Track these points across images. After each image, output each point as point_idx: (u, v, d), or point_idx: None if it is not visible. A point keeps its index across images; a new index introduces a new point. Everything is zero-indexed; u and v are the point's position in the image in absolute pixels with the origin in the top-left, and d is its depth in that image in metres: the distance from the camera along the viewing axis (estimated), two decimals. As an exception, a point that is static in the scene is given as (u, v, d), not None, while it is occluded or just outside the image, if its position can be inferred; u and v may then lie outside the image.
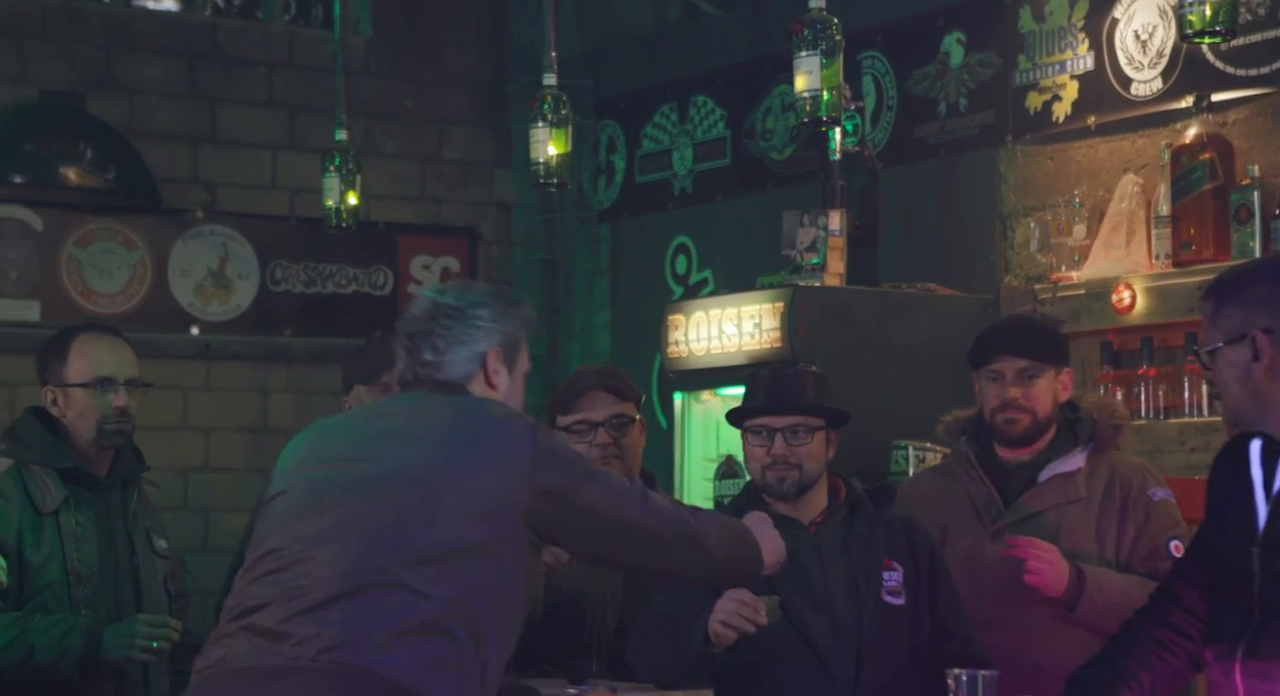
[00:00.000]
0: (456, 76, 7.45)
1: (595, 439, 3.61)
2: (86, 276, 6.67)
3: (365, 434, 2.73)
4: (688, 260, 6.78)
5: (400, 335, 2.88)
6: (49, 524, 3.48)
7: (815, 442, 3.37)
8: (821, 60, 4.07)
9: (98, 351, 3.61)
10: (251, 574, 2.62)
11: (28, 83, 6.59)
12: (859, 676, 3.30)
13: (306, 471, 2.70)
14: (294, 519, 2.63)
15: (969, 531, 3.71)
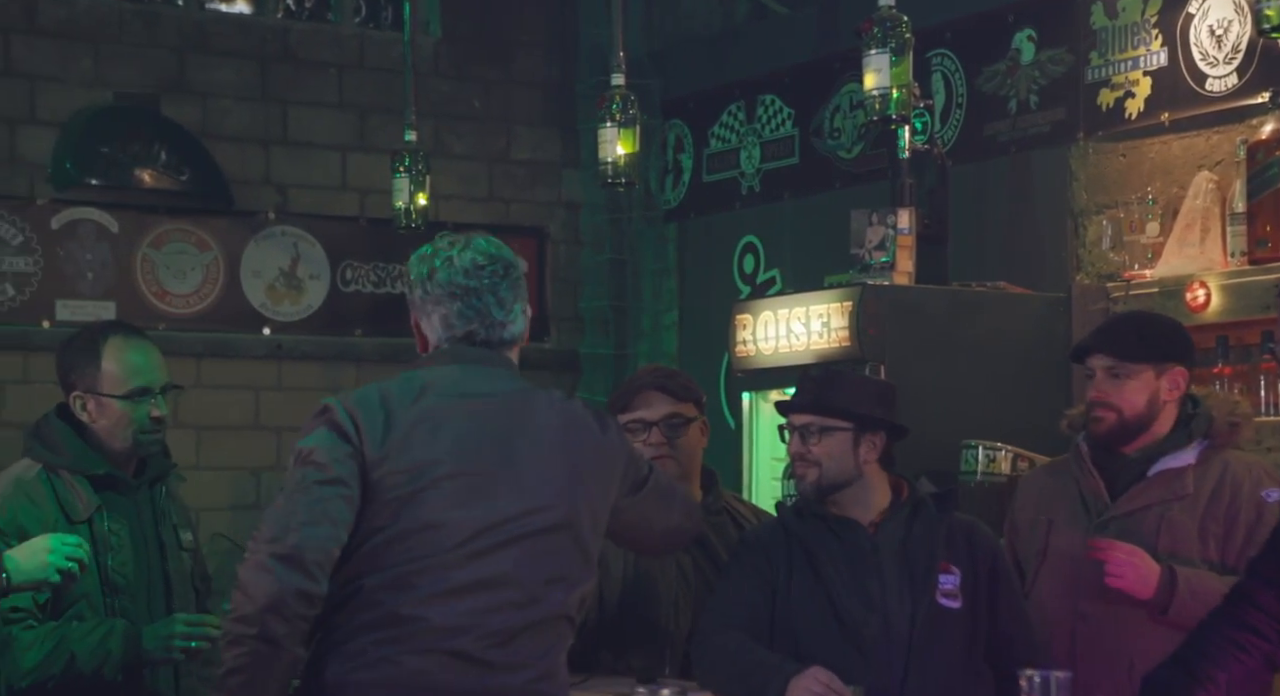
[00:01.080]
0: (525, 77, 7.48)
1: (649, 438, 3.62)
2: (161, 277, 6.76)
3: (501, 437, 2.74)
4: (755, 259, 6.77)
5: (452, 289, 2.83)
6: (82, 532, 3.38)
7: (834, 442, 3.37)
8: (891, 58, 4.05)
9: (132, 358, 3.52)
10: (419, 588, 2.62)
11: (103, 86, 6.68)
12: (906, 677, 3.29)
13: (455, 476, 2.68)
14: (458, 540, 2.65)
15: (1075, 526, 3.67)
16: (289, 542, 2.56)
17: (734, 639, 3.26)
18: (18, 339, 6.50)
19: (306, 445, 2.67)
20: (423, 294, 2.84)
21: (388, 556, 2.62)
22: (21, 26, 6.59)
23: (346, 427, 2.66)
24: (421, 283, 2.85)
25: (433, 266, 2.84)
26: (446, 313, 2.82)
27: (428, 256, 2.87)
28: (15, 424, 6.46)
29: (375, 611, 2.61)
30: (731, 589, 3.35)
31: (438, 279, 2.83)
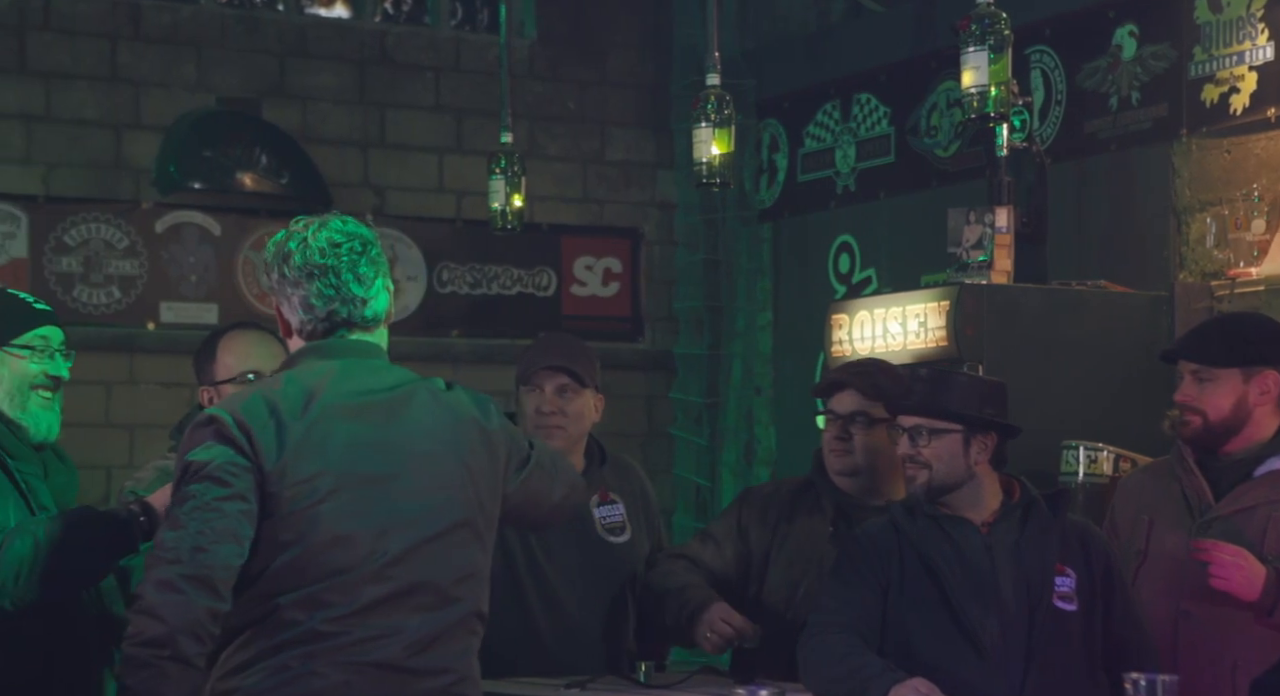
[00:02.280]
0: (619, 78, 7.50)
1: (834, 431, 3.67)
2: (262, 280, 6.85)
3: (390, 439, 2.70)
4: (851, 259, 6.73)
5: (309, 270, 2.74)
6: None
7: (944, 444, 3.34)
8: (989, 55, 4.00)
9: (243, 347, 3.60)
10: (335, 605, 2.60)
11: (207, 91, 6.79)
12: (1026, 680, 3.25)
13: (351, 486, 2.65)
14: (366, 551, 2.63)
15: (1177, 527, 3.63)
16: (199, 562, 2.52)
17: (841, 639, 3.25)
18: (124, 341, 6.63)
19: (199, 458, 2.59)
20: (280, 276, 2.76)
21: (299, 574, 2.59)
22: (127, 33, 6.72)
23: (240, 441, 2.60)
24: (278, 265, 2.77)
25: (288, 249, 2.76)
26: (305, 293, 2.74)
27: (282, 241, 2.79)
28: (122, 425, 6.60)
29: (294, 629, 2.59)
30: (841, 588, 3.34)
31: (294, 261, 2.75)
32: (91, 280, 6.60)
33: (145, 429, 6.56)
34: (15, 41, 6.56)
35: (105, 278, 6.62)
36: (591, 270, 7.41)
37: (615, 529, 3.84)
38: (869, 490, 3.70)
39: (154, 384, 6.63)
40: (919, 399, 3.39)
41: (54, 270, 6.55)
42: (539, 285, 7.32)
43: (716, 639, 3.49)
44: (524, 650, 3.57)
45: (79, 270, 6.58)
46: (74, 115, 6.63)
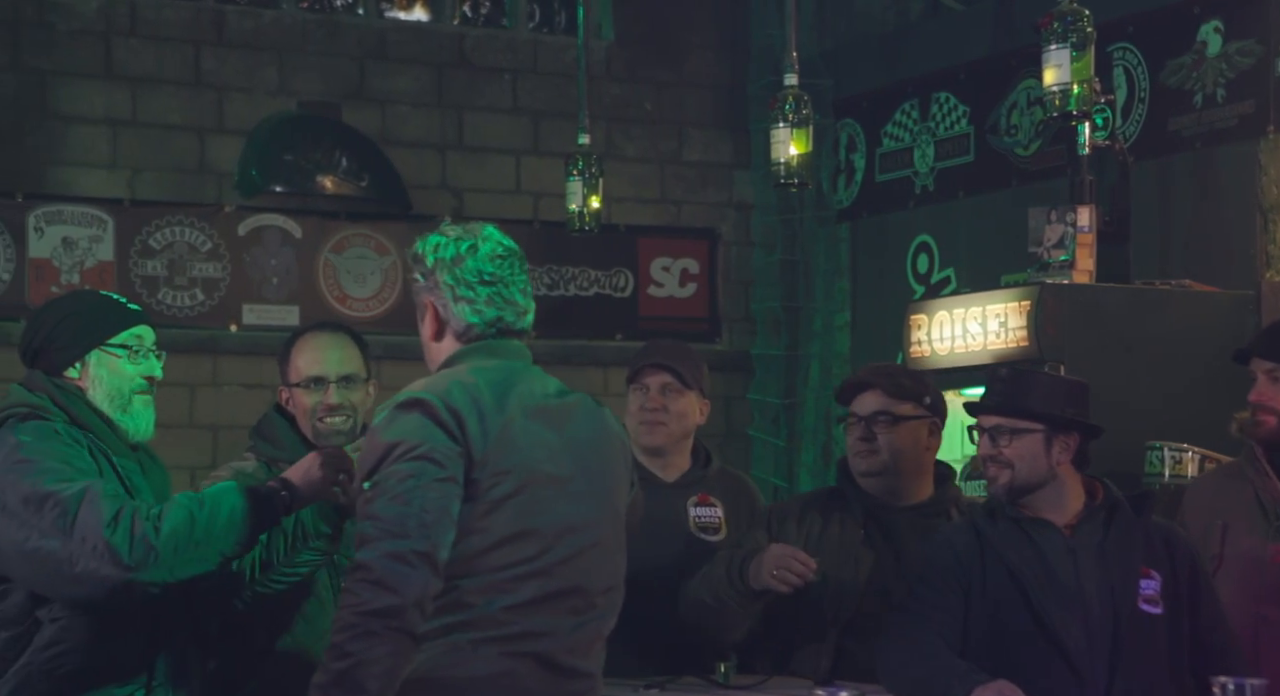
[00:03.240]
0: (696, 79, 7.50)
1: (858, 433, 3.65)
2: (342, 281, 6.92)
3: (566, 444, 2.77)
4: (929, 258, 6.69)
5: (482, 277, 2.80)
6: (289, 522, 3.34)
7: (1024, 445, 3.30)
8: (1072, 53, 3.97)
9: (312, 351, 3.61)
10: (514, 593, 2.65)
11: (288, 95, 6.87)
12: (1112, 684, 3.21)
13: (536, 484, 2.70)
14: (543, 546, 2.68)
15: (1252, 530, 3.59)
16: (427, 538, 2.56)
17: (923, 641, 3.23)
18: (207, 343, 6.71)
19: (411, 438, 2.62)
20: (448, 280, 2.80)
21: (484, 561, 2.64)
22: (211, 38, 6.81)
23: (451, 426, 2.64)
24: (447, 268, 2.80)
25: (459, 253, 2.80)
26: (475, 298, 2.79)
27: (449, 243, 2.84)
28: (206, 425, 6.69)
29: (468, 612, 2.63)
30: (922, 589, 3.31)
31: (467, 266, 2.80)
32: (175, 283, 6.69)
33: (228, 429, 6.64)
34: (102, 47, 6.67)
35: (189, 280, 6.71)
36: (668, 271, 7.42)
37: (709, 528, 3.87)
38: (895, 491, 3.66)
39: (236, 385, 6.71)
40: (999, 398, 3.36)
41: (139, 273, 6.64)
42: (616, 286, 7.33)
43: (787, 575, 3.45)
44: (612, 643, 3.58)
45: (163, 273, 6.67)
46: (159, 120, 6.72)
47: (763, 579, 3.45)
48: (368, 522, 2.60)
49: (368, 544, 2.58)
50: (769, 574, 3.44)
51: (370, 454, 2.66)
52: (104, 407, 3.09)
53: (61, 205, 6.56)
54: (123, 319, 3.16)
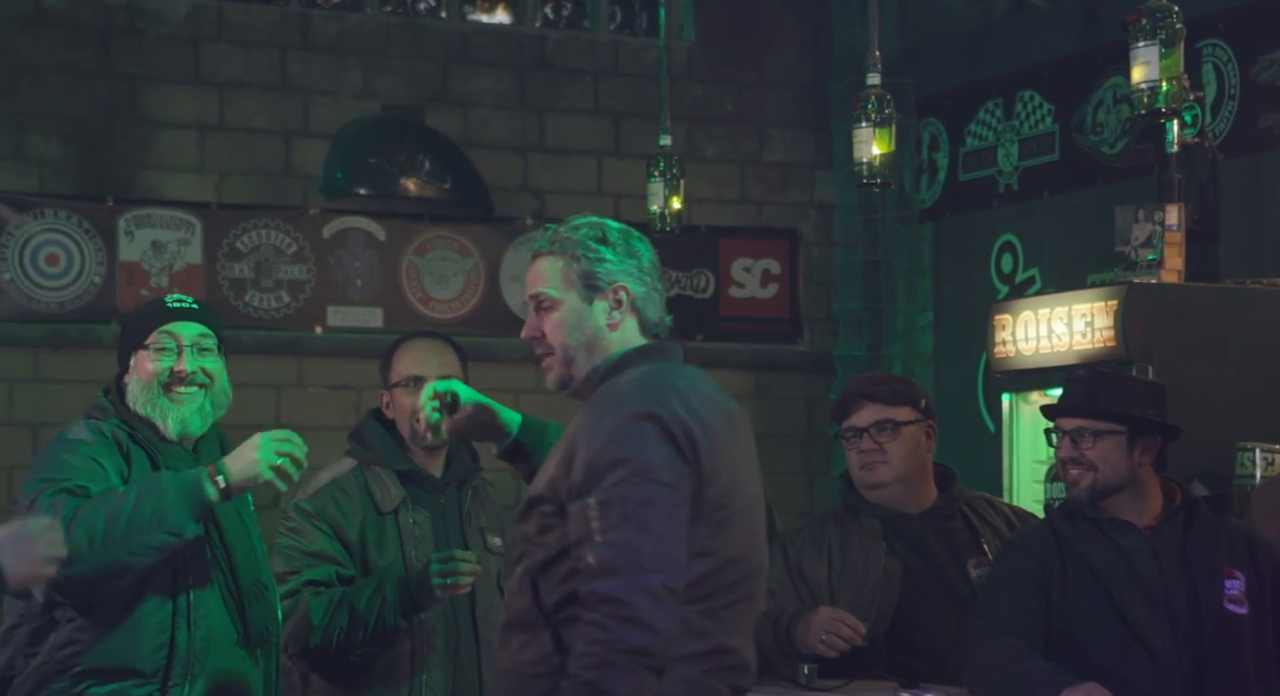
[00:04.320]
0: (777, 79, 7.48)
1: (861, 444, 3.60)
2: (425, 283, 6.97)
3: (750, 459, 2.66)
4: (1014, 258, 6.64)
5: (657, 276, 2.70)
6: (389, 524, 3.56)
7: (1107, 446, 3.27)
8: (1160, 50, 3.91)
9: (414, 352, 3.68)
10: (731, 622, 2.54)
11: (371, 97, 6.93)
12: (1200, 684, 3.18)
13: (743, 502, 2.59)
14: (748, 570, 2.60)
15: None
16: (675, 573, 2.43)
17: (1007, 645, 3.20)
18: (292, 344, 6.78)
19: (646, 458, 2.45)
20: (640, 272, 2.67)
21: (707, 585, 2.50)
22: (296, 42, 6.89)
23: (683, 442, 2.48)
24: (636, 259, 2.66)
25: (638, 249, 2.68)
26: (656, 300, 2.69)
27: (620, 237, 2.68)
28: (293, 426, 6.72)
29: (703, 642, 2.50)
30: (1003, 593, 3.29)
31: (651, 262, 2.69)
32: (262, 285, 6.77)
33: (314, 430, 6.64)
34: (190, 53, 6.77)
35: (275, 282, 6.78)
36: (749, 272, 7.40)
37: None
38: (906, 498, 3.61)
39: (321, 386, 6.79)
40: (1080, 399, 3.33)
41: (226, 275, 6.73)
42: (697, 287, 7.32)
43: (835, 640, 3.42)
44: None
45: (250, 275, 6.75)
46: (245, 124, 6.81)
47: (809, 642, 3.42)
48: (606, 548, 2.43)
49: (614, 574, 2.42)
50: (816, 638, 3.41)
51: (595, 461, 2.48)
52: (136, 406, 3.14)
53: (151, 209, 6.66)
54: (156, 317, 3.20)
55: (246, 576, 3.16)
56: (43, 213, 6.53)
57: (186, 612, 3.07)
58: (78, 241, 6.57)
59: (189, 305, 3.25)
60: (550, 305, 2.65)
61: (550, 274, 2.66)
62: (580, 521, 2.47)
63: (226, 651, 3.12)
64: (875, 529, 3.58)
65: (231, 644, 3.13)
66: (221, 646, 3.11)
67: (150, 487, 3.00)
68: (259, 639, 3.17)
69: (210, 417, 3.21)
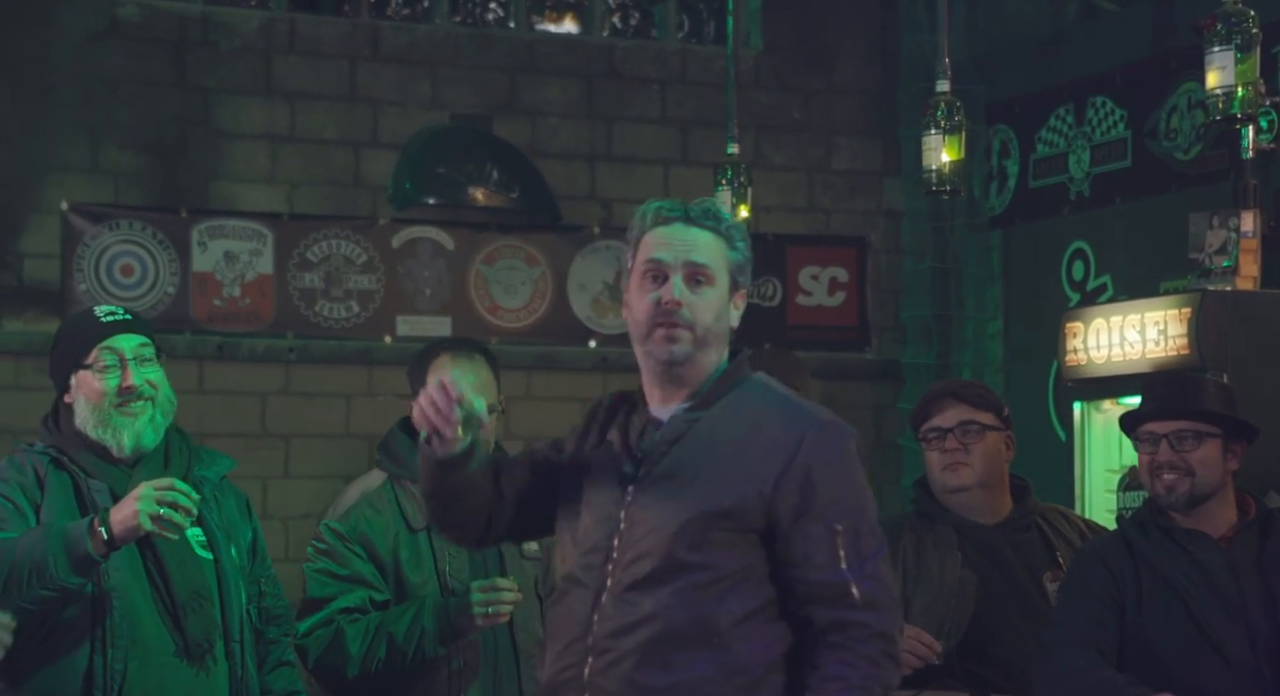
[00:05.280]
0: (845, 86, 7.45)
1: (945, 444, 3.57)
2: (493, 293, 7.00)
3: None
4: (1085, 265, 6.57)
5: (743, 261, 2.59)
6: (422, 540, 3.47)
7: (1206, 450, 3.22)
8: (1236, 55, 3.87)
9: (447, 365, 3.56)
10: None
11: (440, 107, 6.97)
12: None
13: None
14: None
15: None
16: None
17: (1079, 656, 3.17)
18: (362, 354, 6.83)
19: (868, 488, 2.52)
20: (748, 265, 2.60)
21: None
22: (366, 53, 6.95)
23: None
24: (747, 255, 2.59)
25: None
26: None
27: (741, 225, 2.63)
28: (362, 435, 6.81)
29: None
30: (1075, 604, 3.25)
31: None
32: (332, 295, 6.83)
33: (383, 438, 6.75)
34: (263, 64, 6.84)
35: (345, 292, 6.84)
36: (817, 280, 7.38)
37: None
38: (983, 507, 3.54)
39: (392, 395, 6.82)
40: (1181, 401, 3.26)
41: (297, 285, 6.79)
42: (764, 295, 7.31)
43: (911, 659, 3.39)
44: None
45: (320, 285, 6.81)
46: (315, 135, 6.87)
47: None
48: (868, 581, 2.43)
49: (880, 610, 2.43)
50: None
51: (830, 484, 2.45)
52: (85, 428, 3.11)
53: (223, 220, 6.74)
54: (93, 334, 3.15)
55: (182, 588, 3.12)
56: (117, 224, 6.62)
57: (104, 636, 3.04)
58: (152, 252, 6.65)
59: (122, 316, 3.20)
60: (707, 280, 2.53)
61: (714, 250, 2.54)
62: (821, 546, 2.43)
63: (161, 664, 3.09)
64: (950, 538, 3.52)
65: (169, 656, 3.10)
66: (155, 660, 3.08)
67: (32, 543, 2.96)
68: (200, 649, 3.12)
69: (161, 429, 3.17)
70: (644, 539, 2.45)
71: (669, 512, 2.45)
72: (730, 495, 2.44)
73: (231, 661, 3.19)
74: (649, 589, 2.44)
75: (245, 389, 6.69)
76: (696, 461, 2.48)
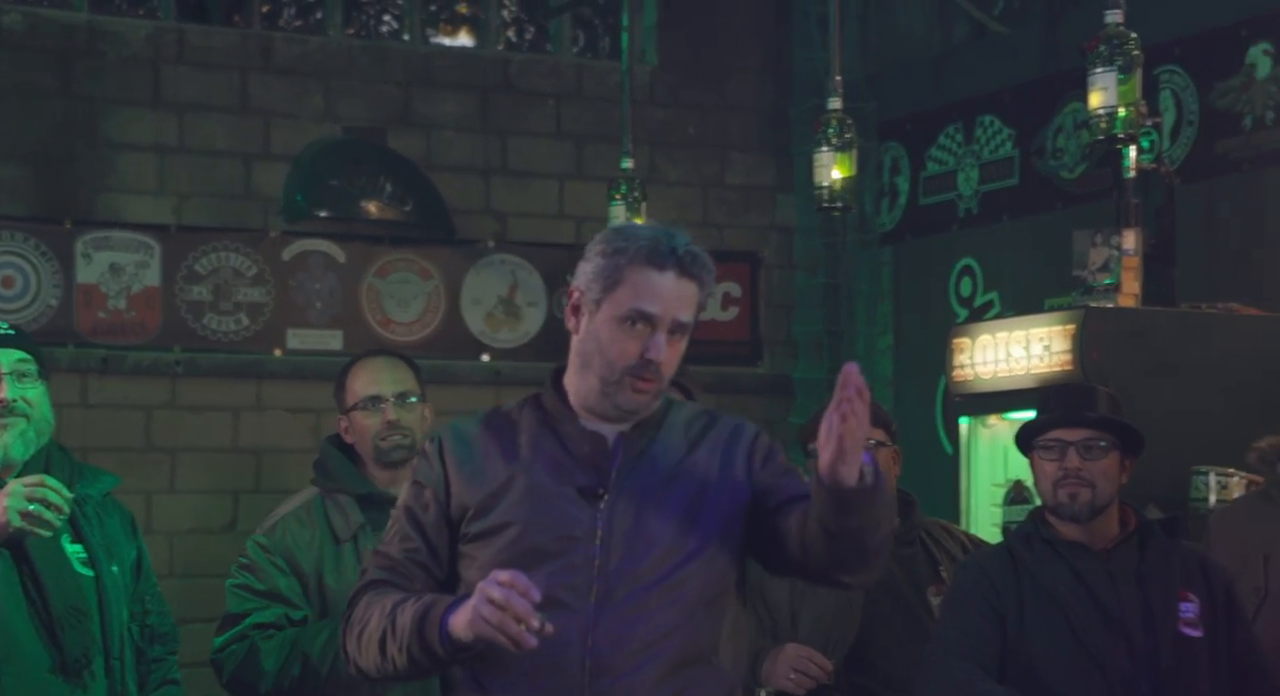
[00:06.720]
0: (739, 103, 7.50)
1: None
2: (385, 306, 6.95)
3: None
4: (973, 282, 6.66)
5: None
6: (348, 551, 3.51)
7: (1109, 461, 3.26)
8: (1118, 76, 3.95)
9: (368, 372, 3.64)
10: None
11: (333, 120, 6.91)
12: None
13: None
14: None
15: None
16: None
17: (961, 668, 3.19)
18: (251, 367, 6.74)
19: None
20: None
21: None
22: (257, 64, 6.87)
23: None
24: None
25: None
26: None
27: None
28: (250, 450, 6.73)
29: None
30: (957, 617, 3.27)
31: None
32: (221, 308, 6.73)
33: (272, 454, 6.67)
34: (150, 75, 6.74)
35: (234, 305, 6.75)
36: (711, 295, 7.39)
37: None
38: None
39: (281, 410, 6.75)
40: (1089, 409, 3.26)
41: (185, 298, 6.69)
42: (659, 310, 7.32)
43: (803, 679, 3.41)
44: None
45: (209, 298, 6.72)
46: (206, 146, 6.78)
47: (777, 680, 3.41)
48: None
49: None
50: (784, 676, 3.41)
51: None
52: None
53: (109, 231, 6.62)
54: None
55: (59, 603, 3.08)
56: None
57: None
58: (34, 263, 6.52)
59: (5, 330, 3.17)
60: (683, 335, 2.54)
61: (692, 302, 2.55)
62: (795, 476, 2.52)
63: (37, 680, 3.05)
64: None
65: (44, 672, 3.06)
66: (31, 676, 3.04)
67: None
68: (78, 665, 3.09)
69: (34, 444, 3.14)
70: (640, 554, 2.41)
71: (657, 528, 2.42)
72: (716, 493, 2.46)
73: (111, 678, 3.15)
74: (653, 606, 2.40)
75: (130, 402, 6.57)
76: (668, 472, 2.47)
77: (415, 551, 2.52)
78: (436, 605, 2.36)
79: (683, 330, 2.53)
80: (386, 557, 2.53)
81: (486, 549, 2.44)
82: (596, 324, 2.52)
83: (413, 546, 2.52)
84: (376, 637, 2.41)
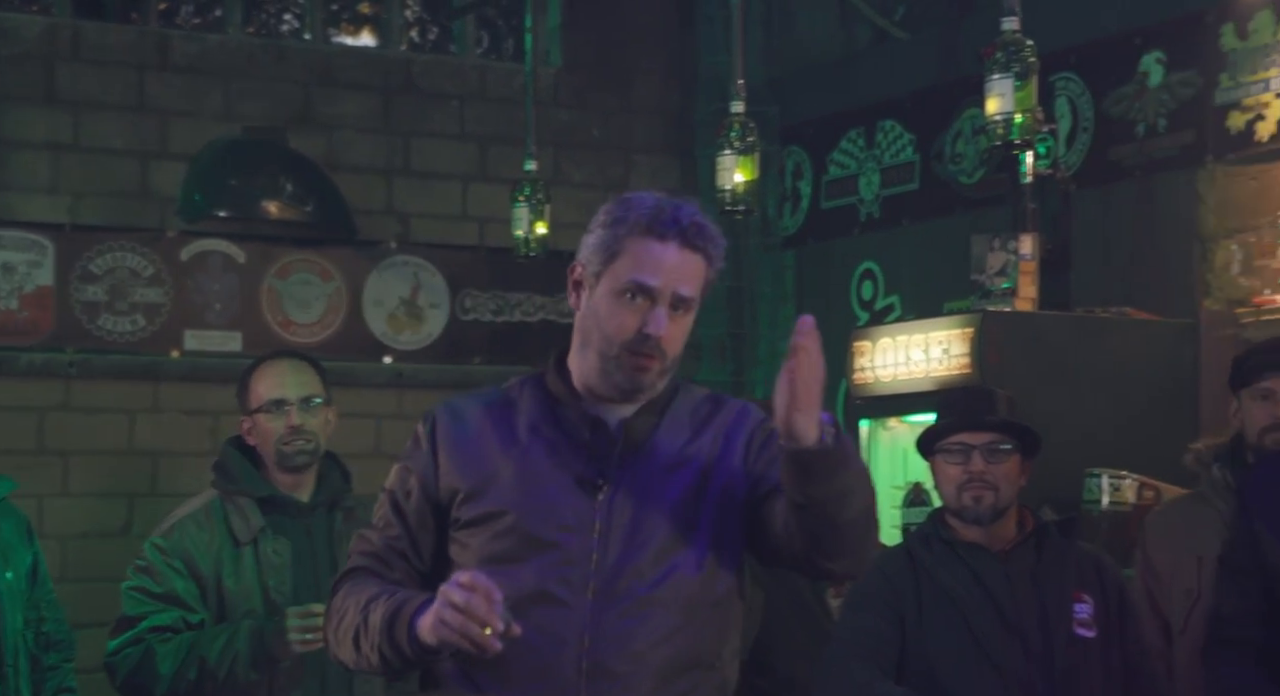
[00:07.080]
0: (644, 105, 7.51)
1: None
2: (285, 307, 6.87)
3: None
4: (874, 286, 6.72)
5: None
6: (247, 554, 3.50)
7: (1011, 464, 3.31)
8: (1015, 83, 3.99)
9: (272, 375, 3.63)
10: None
11: (233, 120, 6.82)
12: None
13: None
14: None
15: None
16: None
17: (860, 670, 3.21)
18: (148, 369, 6.64)
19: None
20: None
21: None
22: (155, 63, 6.76)
23: None
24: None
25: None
26: None
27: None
28: (146, 452, 6.62)
29: None
30: (856, 618, 3.30)
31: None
32: (116, 308, 6.63)
33: (169, 457, 6.57)
34: (44, 72, 6.61)
35: (130, 305, 6.64)
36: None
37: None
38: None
39: (178, 411, 6.65)
40: (990, 413, 3.30)
41: (79, 298, 6.57)
42: (562, 312, 7.31)
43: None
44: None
45: (104, 298, 6.60)
46: (101, 144, 6.66)
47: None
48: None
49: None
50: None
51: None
52: None
53: (1, 230, 6.48)
54: None
55: None
56: (-114, 232, 6.33)
57: None
58: (-77, 262, 6.38)
59: None
60: (687, 311, 2.40)
61: (700, 275, 2.41)
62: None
63: None
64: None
65: None
66: None
67: None
68: None
69: None
70: (639, 549, 2.30)
71: (657, 522, 2.32)
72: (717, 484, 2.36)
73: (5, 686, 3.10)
74: (654, 605, 2.30)
75: (22, 404, 6.45)
76: (670, 461, 2.36)
77: (396, 539, 2.40)
78: (407, 605, 2.25)
79: (686, 305, 2.39)
80: (368, 543, 2.44)
81: (478, 536, 2.32)
82: (596, 298, 2.41)
83: (394, 534, 2.41)
84: (351, 633, 2.32)
